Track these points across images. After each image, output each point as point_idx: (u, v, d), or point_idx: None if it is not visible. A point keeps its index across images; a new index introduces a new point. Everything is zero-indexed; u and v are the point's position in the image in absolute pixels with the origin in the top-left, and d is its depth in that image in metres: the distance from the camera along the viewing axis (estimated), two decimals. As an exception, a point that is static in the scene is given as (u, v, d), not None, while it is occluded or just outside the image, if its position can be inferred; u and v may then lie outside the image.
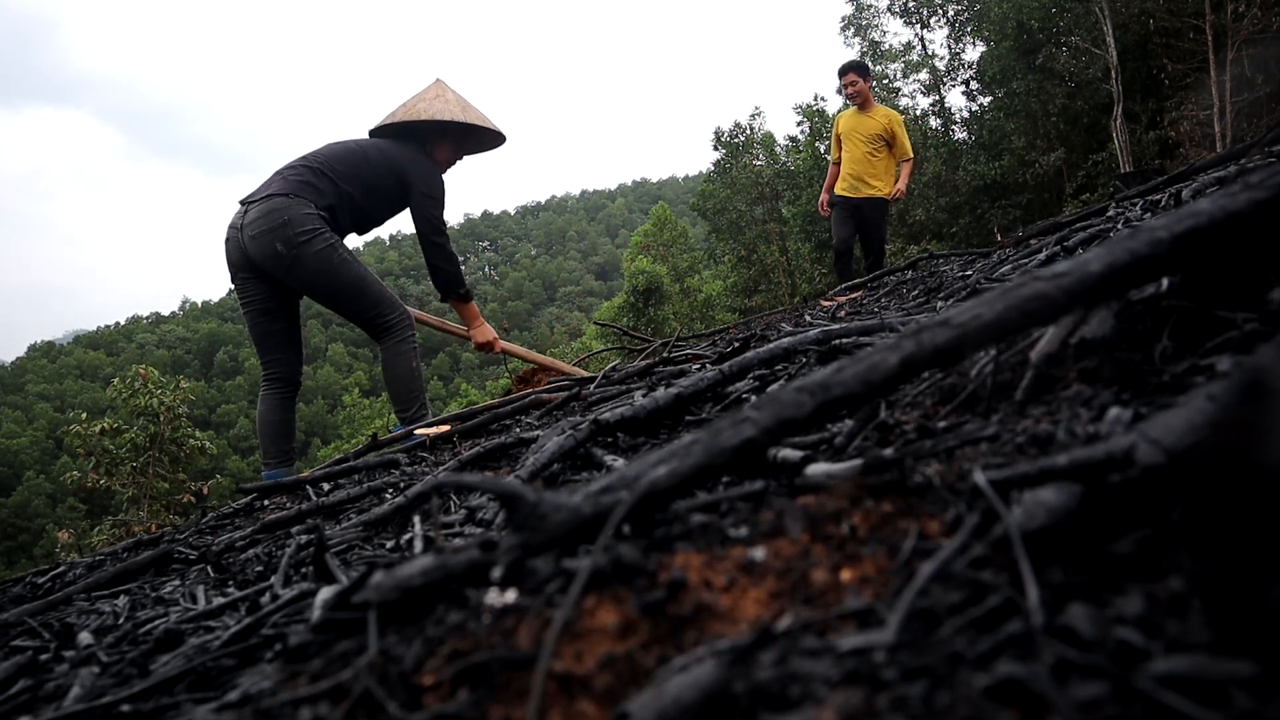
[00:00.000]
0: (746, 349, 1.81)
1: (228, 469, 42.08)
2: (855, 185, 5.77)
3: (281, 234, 2.73)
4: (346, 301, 2.90)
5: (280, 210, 2.74)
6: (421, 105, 3.09)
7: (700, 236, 34.76)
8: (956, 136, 25.06)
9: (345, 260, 2.84)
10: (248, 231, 2.78)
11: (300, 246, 2.74)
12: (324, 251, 2.78)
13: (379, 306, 2.92)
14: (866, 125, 5.74)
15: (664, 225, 31.90)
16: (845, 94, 5.81)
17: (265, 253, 2.75)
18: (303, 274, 2.79)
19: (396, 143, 3.05)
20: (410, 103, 3.14)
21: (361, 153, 2.97)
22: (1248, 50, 15.19)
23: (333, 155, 2.94)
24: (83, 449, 11.98)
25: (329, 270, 2.80)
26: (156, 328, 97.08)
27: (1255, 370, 0.34)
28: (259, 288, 2.90)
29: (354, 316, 2.96)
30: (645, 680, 0.41)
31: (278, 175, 2.89)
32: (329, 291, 2.86)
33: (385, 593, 0.54)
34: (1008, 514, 0.46)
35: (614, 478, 0.58)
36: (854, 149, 5.79)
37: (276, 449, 2.94)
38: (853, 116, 5.86)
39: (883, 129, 5.70)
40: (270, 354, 2.96)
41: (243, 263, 2.86)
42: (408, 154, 3.00)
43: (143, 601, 1.17)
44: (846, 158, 5.88)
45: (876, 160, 5.72)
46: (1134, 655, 0.34)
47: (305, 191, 2.81)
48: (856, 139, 5.76)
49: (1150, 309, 0.75)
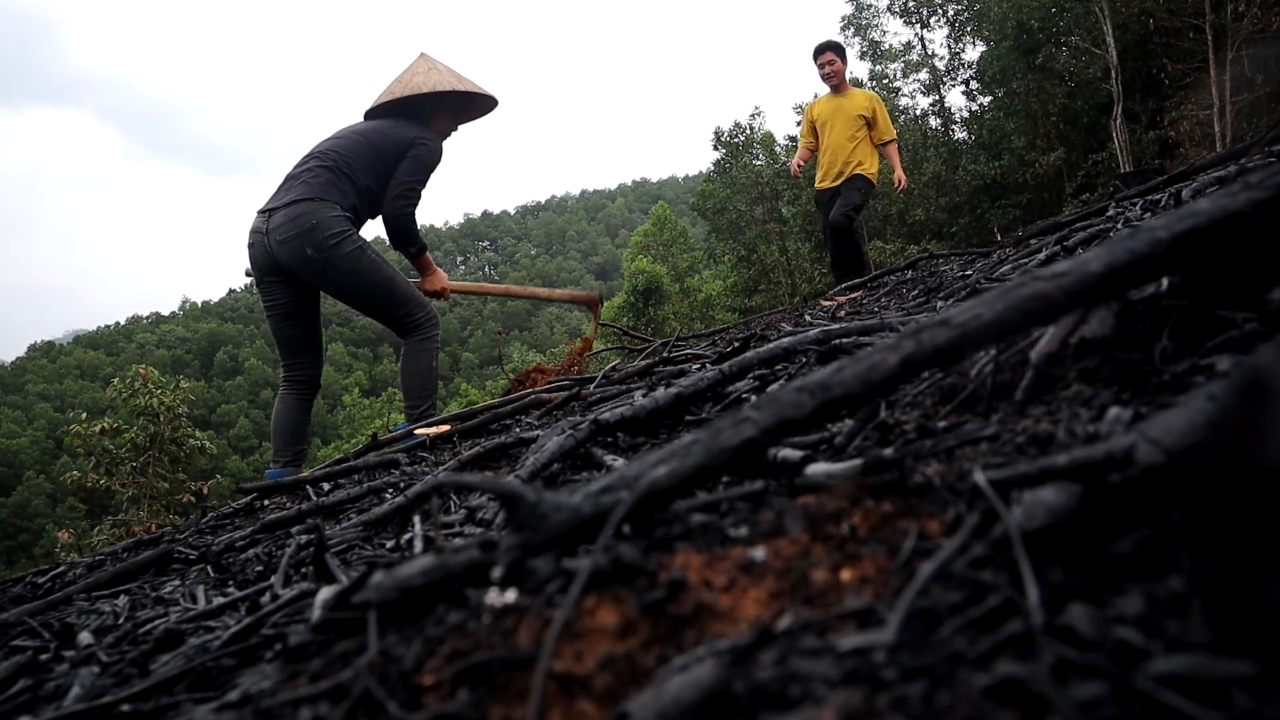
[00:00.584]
0: (746, 349, 1.81)
1: (228, 469, 42.09)
2: (838, 173, 5.47)
3: (311, 238, 2.77)
4: (376, 302, 2.95)
5: (308, 215, 2.78)
6: (418, 79, 3.08)
7: (700, 236, 34.76)
8: (956, 136, 25.07)
9: (375, 262, 2.90)
10: (275, 236, 2.81)
11: (330, 250, 2.78)
12: (354, 253, 2.83)
13: (408, 305, 2.97)
14: (847, 108, 5.42)
15: (664, 225, 31.89)
16: (822, 74, 5.47)
17: (295, 257, 2.80)
18: (334, 276, 2.84)
19: (397, 122, 3.04)
20: (404, 78, 3.13)
21: (369, 143, 2.96)
22: (1248, 50, 15.19)
23: (346, 150, 2.93)
24: (83, 449, 11.98)
25: (359, 272, 2.85)
26: (156, 328, 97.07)
27: (1255, 370, 0.34)
28: (284, 291, 2.93)
29: (382, 316, 3.01)
30: (645, 680, 0.41)
31: (297, 180, 2.89)
32: (359, 293, 2.91)
33: (385, 593, 0.54)
34: (1008, 514, 0.46)
35: (614, 478, 0.58)
36: (835, 134, 5.44)
37: (289, 449, 2.97)
38: (830, 101, 5.54)
39: (864, 109, 5.40)
40: (293, 357, 3.00)
41: (270, 267, 2.89)
42: (412, 133, 3.00)
43: (143, 601, 1.17)
44: (827, 146, 5.53)
45: (859, 144, 5.41)
46: (1134, 655, 0.34)
47: (330, 194, 2.84)
48: (838, 123, 5.42)
49: (1150, 309, 0.75)
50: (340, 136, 3.02)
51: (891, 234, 22.63)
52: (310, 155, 2.97)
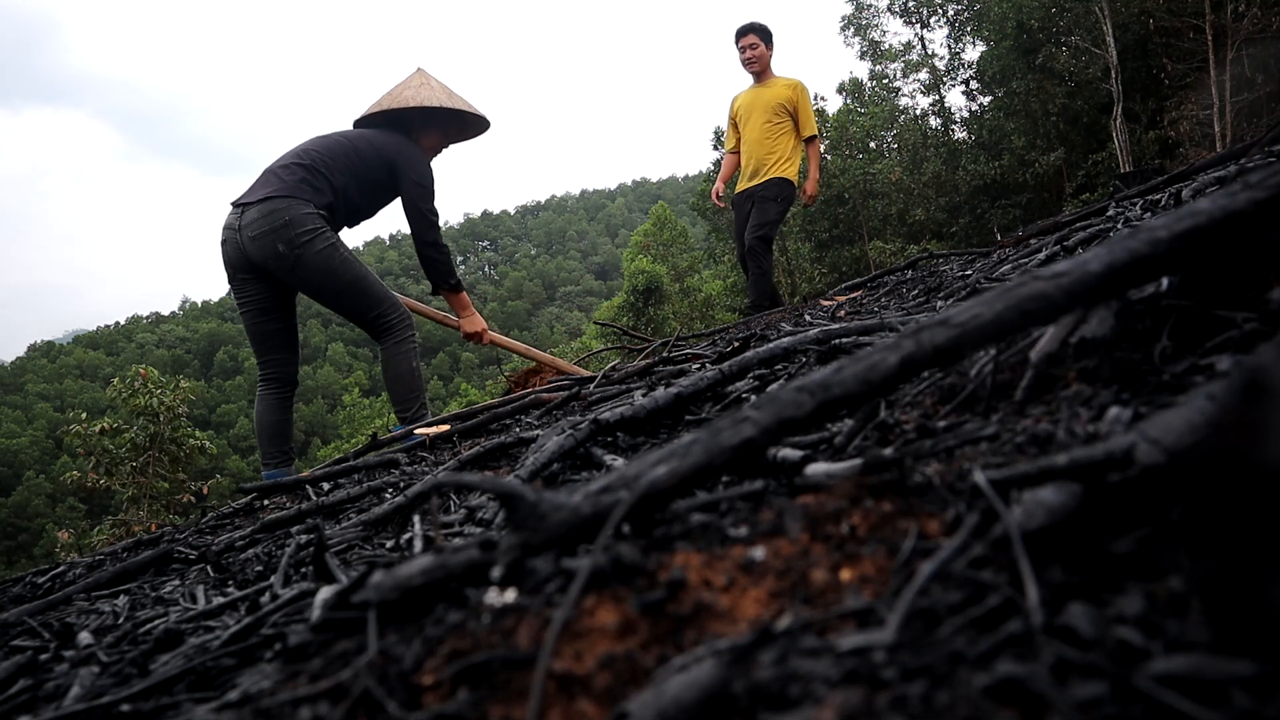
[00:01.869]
0: (746, 349, 1.81)
1: (227, 469, 42.07)
2: (753, 172, 4.82)
3: (283, 234, 2.72)
4: (348, 301, 2.90)
5: (280, 211, 2.73)
6: (409, 93, 3.06)
7: (700, 236, 34.76)
8: (956, 136, 25.10)
9: (346, 260, 2.84)
10: (247, 232, 2.76)
11: (302, 247, 2.74)
12: (325, 251, 2.78)
13: (380, 306, 2.92)
14: (765, 96, 4.79)
15: (664, 225, 31.89)
16: (742, 59, 4.83)
17: (266, 253, 2.75)
18: (304, 274, 2.79)
19: (384, 132, 3.02)
20: (395, 91, 3.12)
21: (352, 146, 2.94)
22: (1247, 50, 15.21)
23: (325, 150, 2.91)
24: (82, 449, 11.98)
25: (330, 270, 2.80)
26: (156, 327, 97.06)
27: (1255, 370, 0.34)
28: (257, 288, 2.89)
29: (354, 316, 2.96)
30: (645, 680, 0.41)
31: (272, 174, 2.86)
32: (330, 291, 2.86)
33: (385, 592, 0.54)
34: (1007, 513, 0.46)
35: (614, 477, 0.58)
36: (753, 127, 4.81)
37: (275, 449, 2.94)
38: (751, 91, 4.91)
39: (785, 99, 4.77)
40: (268, 354, 2.96)
41: (242, 263, 2.84)
42: (397, 143, 2.98)
43: (142, 601, 1.17)
44: (746, 140, 4.87)
45: (778, 135, 4.76)
46: (1133, 655, 0.34)
47: (304, 191, 2.79)
48: (756, 114, 4.79)
49: (1150, 308, 0.75)
50: (322, 138, 2.99)
51: (891, 234, 22.65)
52: (289, 153, 2.94)
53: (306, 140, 3.01)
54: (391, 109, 3.05)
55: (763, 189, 4.76)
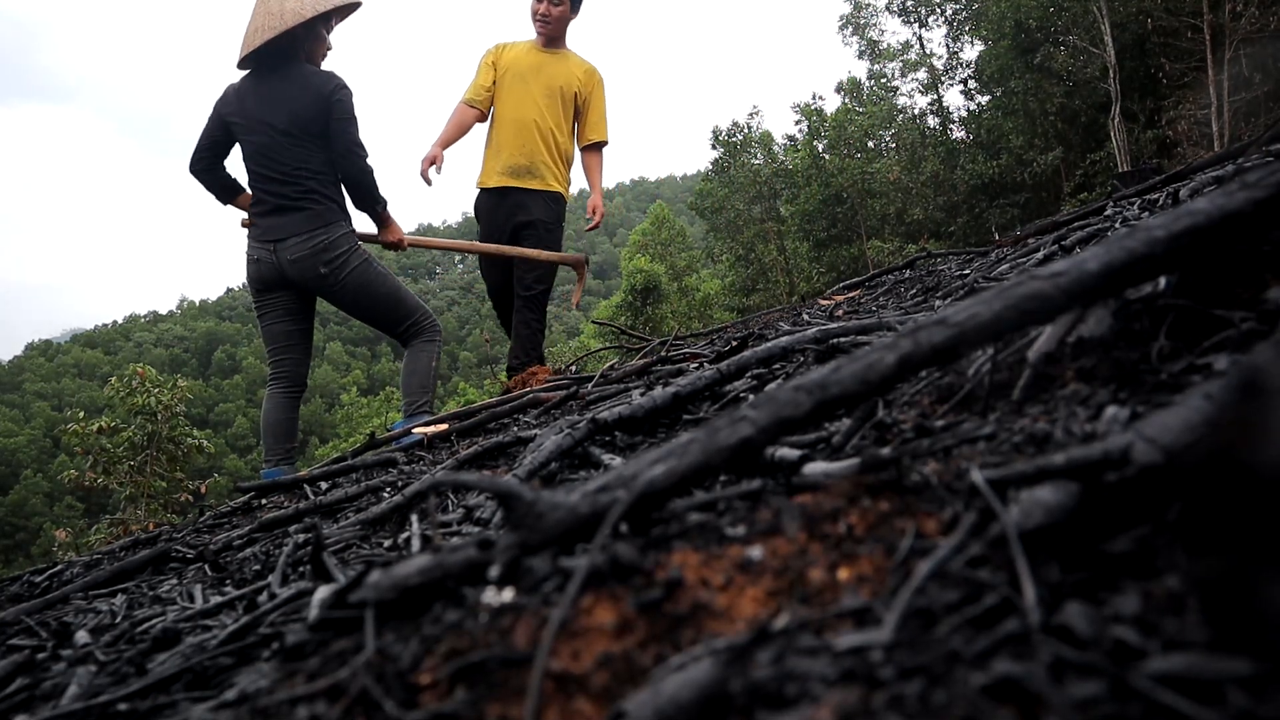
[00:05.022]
0: (744, 348, 1.81)
1: (225, 468, 42.03)
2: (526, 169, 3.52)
3: (324, 257, 2.86)
4: (385, 311, 3.03)
5: (320, 235, 2.84)
6: (287, 10, 2.74)
7: (698, 235, 34.78)
8: (954, 136, 25.13)
9: (381, 274, 2.97)
10: (287, 255, 2.84)
11: (340, 265, 2.88)
12: (361, 268, 2.92)
13: (414, 314, 3.07)
14: (554, 71, 3.54)
15: (662, 224, 31.90)
16: (534, 14, 3.52)
17: (308, 275, 2.87)
18: (343, 292, 2.92)
19: (286, 78, 2.81)
20: (268, 20, 2.76)
21: (300, 130, 2.80)
22: (1245, 50, 15.23)
23: (298, 158, 2.82)
24: (80, 448, 11.96)
25: (367, 285, 2.93)
26: (154, 326, 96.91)
27: (1252, 369, 0.34)
28: (287, 295, 2.97)
29: (388, 326, 3.08)
30: (642, 679, 0.41)
31: (296, 209, 2.82)
32: (366, 305, 2.99)
33: (383, 592, 0.54)
34: (1005, 513, 0.46)
35: (611, 476, 0.58)
36: (527, 105, 3.51)
37: (280, 447, 2.98)
38: (531, 53, 3.58)
39: (578, 86, 3.58)
40: (284, 354, 3.02)
41: (278, 282, 2.91)
42: (310, 88, 2.80)
43: (140, 600, 1.17)
44: (516, 116, 3.53)
45: (564, 131, 3.59)
46: (1130, 654, 0.34)
47: (331, 211, 2.88)
48: (535, 89, 3.52)
49: (1148, 308, 0.75)
50: (275, 139, 2.81)
51: (889, 233, 22.67)
52: (283, 177, 2.83)
53: (262, 151, 2.83)
54: (280, 33, 2.75)
55: (538, 205, 3.53)
